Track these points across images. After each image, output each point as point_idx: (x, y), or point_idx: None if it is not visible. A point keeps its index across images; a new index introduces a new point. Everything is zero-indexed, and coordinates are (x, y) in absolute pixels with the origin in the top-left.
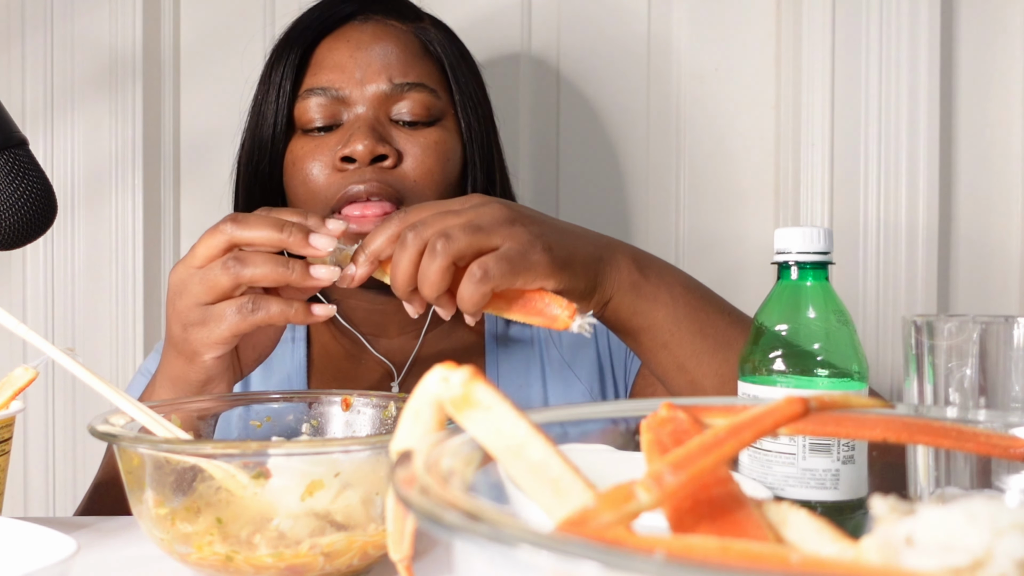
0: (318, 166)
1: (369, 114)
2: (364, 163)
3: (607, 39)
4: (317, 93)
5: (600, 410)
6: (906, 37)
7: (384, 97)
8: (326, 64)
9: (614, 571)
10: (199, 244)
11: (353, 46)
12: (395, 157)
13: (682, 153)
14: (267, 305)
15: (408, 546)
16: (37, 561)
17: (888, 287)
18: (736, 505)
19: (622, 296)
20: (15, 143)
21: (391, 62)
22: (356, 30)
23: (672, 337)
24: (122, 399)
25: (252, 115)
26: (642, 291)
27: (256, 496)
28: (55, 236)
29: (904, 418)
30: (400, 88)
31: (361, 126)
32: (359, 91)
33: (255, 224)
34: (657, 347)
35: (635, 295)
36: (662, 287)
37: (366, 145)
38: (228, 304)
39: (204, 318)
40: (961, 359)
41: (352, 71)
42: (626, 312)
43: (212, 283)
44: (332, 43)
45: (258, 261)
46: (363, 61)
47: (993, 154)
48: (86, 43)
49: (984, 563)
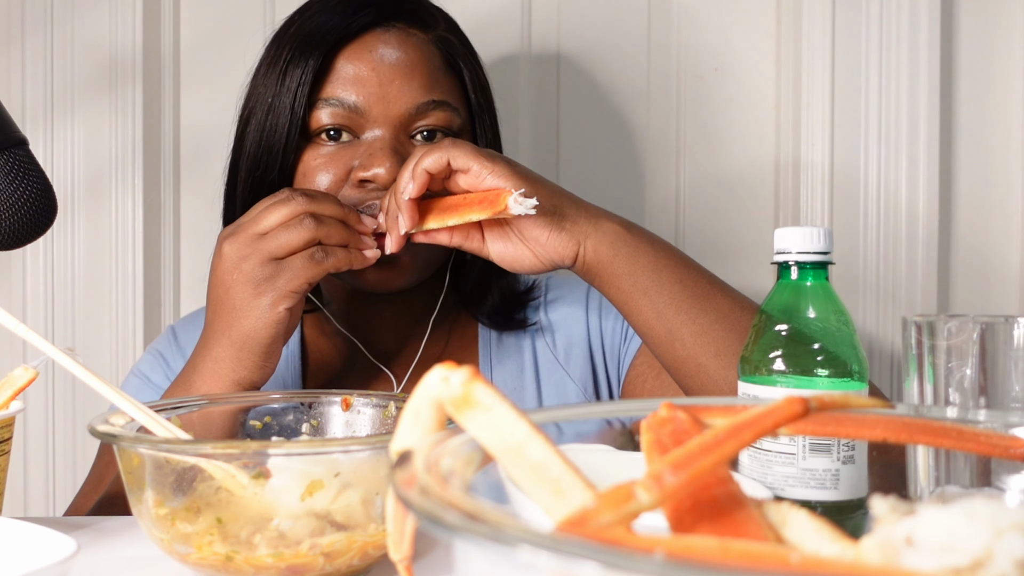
0: (333, 179)
1: (390, 134)
2: (384, 187)
3: (607, 39)
4: (334, 104)
5: (600, 410)
6: (906, 37)
7: (407, 117)
8: (347, 75)
9: (614, 571)
10: (267, 214)
11: (376, 59)
12: None
13: (682, 153)
14: (334, 252)
15: (408, 546)
16: (37, 561)
17: (888, 287)
18: (736, 505)
19: (600, 237)
20: (15, 143)
21: (415, 79)
22: (379, 40)
23: (653, 284)
24: (122, 399)
25: (258, 118)
26: (623, 239)
27: (256, 496)
28: (55, 236)
29: (904, 418)
30: (424, 107)
31: (383, 147)
32: (381, 107)
33: (322, 198)
34: (638, 294)
35: (615, 239)
36: (644, 240)
37: (388, 169)
38: (299, 256)
39: (276, 271)
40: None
41: (374, 86)
42: (606, 254)
43: (286, 240)
44: (354, 52)
45: (330, 221)
46: (386, 77)
47: (993, 154)
48: (86, 43)
49: (984, 563)
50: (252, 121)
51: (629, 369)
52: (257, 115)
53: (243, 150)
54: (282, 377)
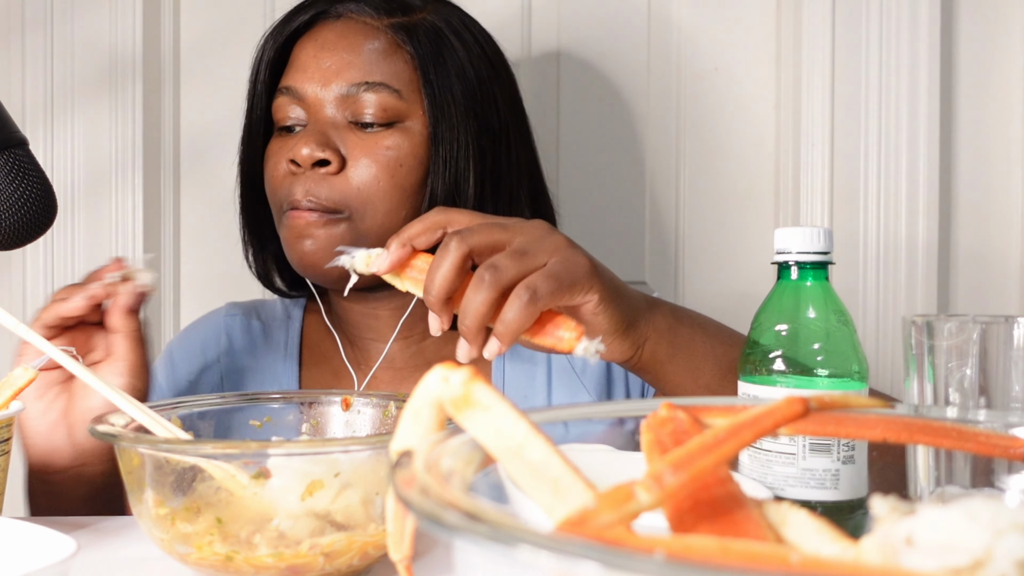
0: (278, 166)
1: (324, 116)
2: (306, 167)
3: (607, 39)
4: (284, 93)
5: (600, 410)
6: (906, 37)
7: (342, 99)
8: (295, 64)
9: (614, 571)
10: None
11: (319, 46)
12: (338, 163)
13: (682, 153)
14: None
15: (408, 546)
16: (37, 561)
17: (888, 287)
18: (736, 505)
19: (658, 337)
20: (15, 143)
21: (352, 61)
22: (327, 29)
23: (707, 367)
24: (122, 399)
25: (246, 109)
26: (676, 332)
27: (256, 496)
28: (55, 236)
29: (904, 418)
30: (356, 88)
31: (311, 130)
32: (319, 92)
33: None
34: (689, 381)
35: (671, 336)
36: (695, 327)
37: (308, 149)
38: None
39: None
40: (961, 359)
41: (314, 72)
42: (663, 354)
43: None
44: (304, 42)
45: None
46: (325, 62)
47: (993, 154)
48: (86, 43)
49: (984, 563)
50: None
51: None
52: (246, 107)
53: (240, 140)
54: (277, 369)
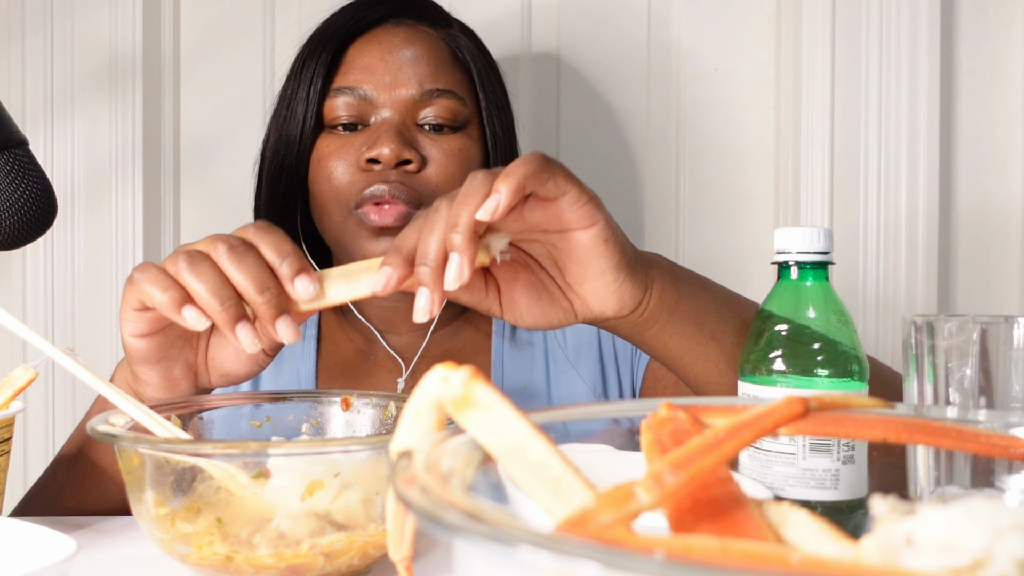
0: (343, 165)
1: (396, 118)
2: (389, 166)
3: (607, 40)
4: (346, 93)
5: (600, 410)
6: (906, 37)
7: (412, 102)
8: (357, 65)
9: (614, 571)
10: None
11: (385, 49)
12: (419, 162)
13: (682, 153)
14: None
15: (408, 546)
16: (37, 561)
17: (888, 287)
18: (736, 505)
19: (664, 280)
20: (15, 143)
21: (421, 68)
22: (388, 33)
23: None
24: (122, 399)
25: (280, 109)
26: (679, 277)
27: (256, 496)
28: (55, 236)
29: (904, 418)
30: (429, 94)
31: (388, 129)
32: (388, 94)
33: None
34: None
35: (674, 278)
36: (693, 276)
37: (392, 149)
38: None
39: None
40: (961, 359)
41: (382, 74)
42: (670, 298)
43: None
44: (364, 44)
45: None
46: (393, 65)
47: (993, 154)
48: (86, 43)
49: (984, 563)
50: (276, 111)
51: (646, 373)
52: (280, 108)
53: (268, 139)
54: (296, 368)
